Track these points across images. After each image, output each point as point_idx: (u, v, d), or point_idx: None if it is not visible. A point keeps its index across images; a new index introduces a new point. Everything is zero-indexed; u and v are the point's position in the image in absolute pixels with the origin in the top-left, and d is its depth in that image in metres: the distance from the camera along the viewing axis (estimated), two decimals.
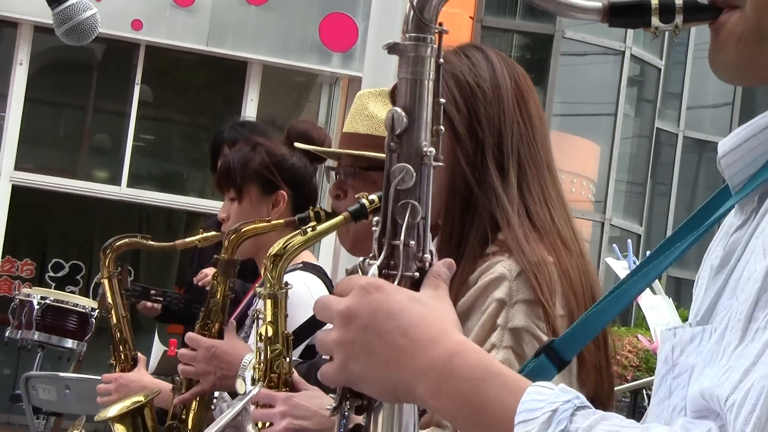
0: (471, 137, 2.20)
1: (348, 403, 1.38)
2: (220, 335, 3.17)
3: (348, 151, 2.95)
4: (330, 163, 3.12)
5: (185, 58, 13.52)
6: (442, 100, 1.43)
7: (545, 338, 2.04)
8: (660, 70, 17.70)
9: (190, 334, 3.16)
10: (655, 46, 16.86)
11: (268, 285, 2.66)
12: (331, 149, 3.11)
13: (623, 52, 16.63)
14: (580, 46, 16.56)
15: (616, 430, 1.22)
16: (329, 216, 2.66)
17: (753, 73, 1.39)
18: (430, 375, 1.31)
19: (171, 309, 5.40)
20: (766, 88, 1.43)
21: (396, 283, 1.39)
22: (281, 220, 2.96)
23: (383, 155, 1.42)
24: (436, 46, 1.42)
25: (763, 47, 1.35)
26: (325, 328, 1.52)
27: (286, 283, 2.69)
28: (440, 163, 1.42)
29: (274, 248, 2.64)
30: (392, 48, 1.42)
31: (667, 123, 18.56)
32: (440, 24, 1.43)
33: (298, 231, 2.64)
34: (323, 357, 1.40)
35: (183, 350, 3.14)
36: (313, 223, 2.64)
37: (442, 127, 1.44)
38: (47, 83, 13.62)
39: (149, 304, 5.39)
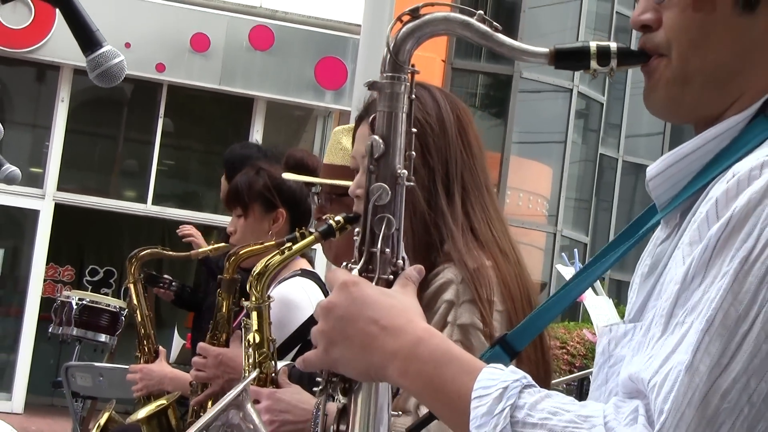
0: (424, 165, 2.17)
1: (331, 385, 1.38)
2: (227, 344, 3.16)
3: (326, 180, 2.94)
4: (315, 188, 3.12)
5: (201, 96, 13.51)
6: (414, 130, 1.43)
7: (487, 330, 2.05)
8: (602, 104, 17.74)
9: (201, 344, 3.15)
10: (599, 84, 16.90)
11: (254, 299, 2.63)
12: (313, 179, 3.10)
13: (571, 90, 16.66)
14: (535, 85, 16.58)
15: (558, 406, 1.22)
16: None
17: (680, 112, 1.39)
18: (398, 357, 1.30)
19: (182, 296, 5.37)
20: None
21: (373, 284, 1.38)
22: (273, 242, 2.93)
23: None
24: (409, 84, 1.41)
25: (688, 89, 1.35)
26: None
27: (269, 297, 2.67)
28: (412, 183, 1.42)
29: (257, 268, 2.61)
30: (372, 85, 1.42)
31: (609, 149, 18.58)
32: (413, 65, 1.42)
33: (277, 252, 2.62)
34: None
35: (195, 358, 3.12)
36: (289, 244, 2.62)
37: (413, 153, 1.43)
38: (85, 117, 13.62)
39: (162, 290, 5.35)
